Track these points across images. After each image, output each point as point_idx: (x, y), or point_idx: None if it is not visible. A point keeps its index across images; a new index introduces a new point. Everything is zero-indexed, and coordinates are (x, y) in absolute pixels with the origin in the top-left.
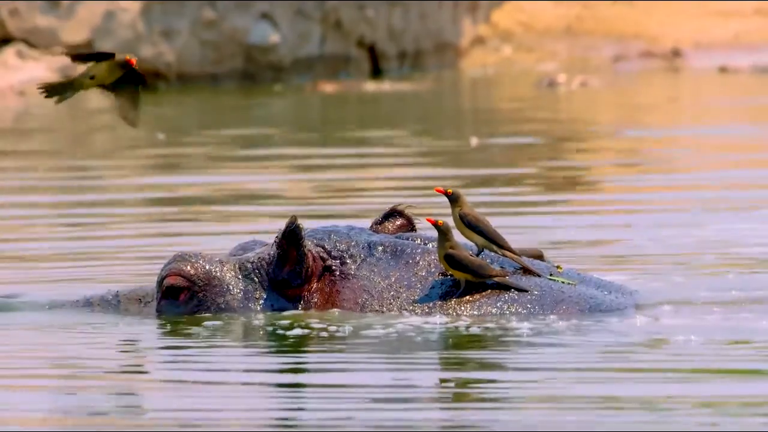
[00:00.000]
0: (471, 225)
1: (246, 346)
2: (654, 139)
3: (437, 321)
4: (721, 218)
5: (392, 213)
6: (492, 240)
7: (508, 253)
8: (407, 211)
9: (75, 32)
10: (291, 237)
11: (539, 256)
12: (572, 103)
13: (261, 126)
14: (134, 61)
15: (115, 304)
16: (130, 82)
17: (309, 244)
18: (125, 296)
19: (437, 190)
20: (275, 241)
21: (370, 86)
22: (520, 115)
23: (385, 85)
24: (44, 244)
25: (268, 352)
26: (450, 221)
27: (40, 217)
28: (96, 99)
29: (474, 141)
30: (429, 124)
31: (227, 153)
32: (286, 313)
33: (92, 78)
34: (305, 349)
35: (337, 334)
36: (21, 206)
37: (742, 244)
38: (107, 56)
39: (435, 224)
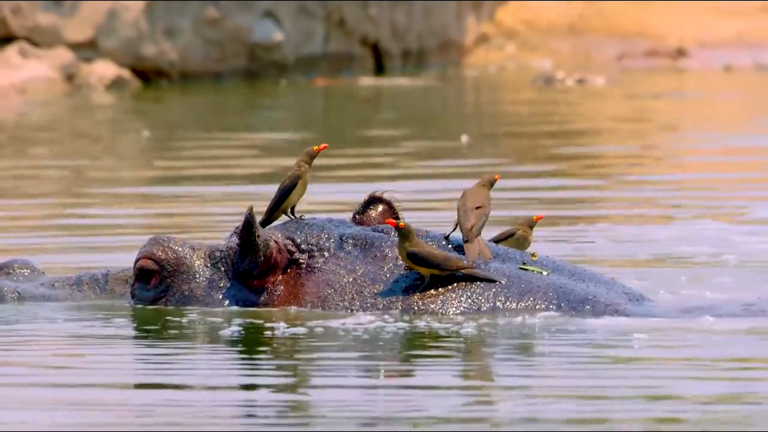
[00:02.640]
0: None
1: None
2: (642, 142)
3: (397, 316)
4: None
5: (372, 200)
6: (458, 223)
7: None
8: (386, 197)
9: (77, 30)
10: (247, 227)
11: (524, 238)
12: (567, 100)
13: (262, 127)
14: (323, 146)
15: (103, 283)
16: None
17: (278, 235)
18: (114, 276)
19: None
20: (235, 231)
21: (367, 82)
22: (510, 112)
23: (384, 82)
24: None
25: (214, 353)
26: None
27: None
28: (100, 97)
29: (465, 139)
30: (422, 121)
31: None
32: (239, 310)
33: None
34: (252, 349)
35: (283, 334)
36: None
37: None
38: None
39: (396, 227)
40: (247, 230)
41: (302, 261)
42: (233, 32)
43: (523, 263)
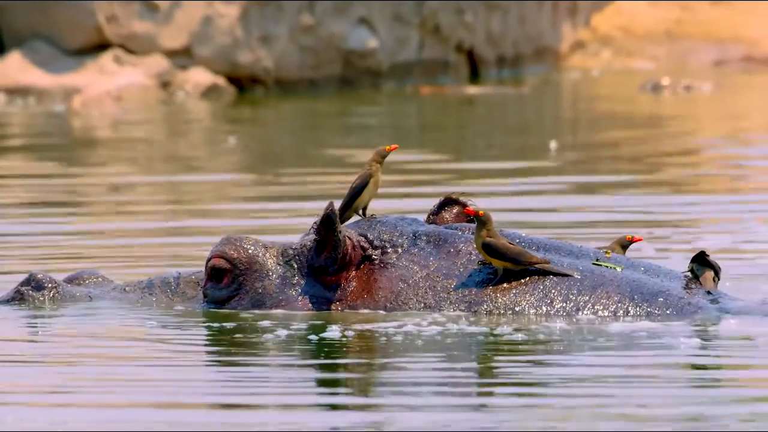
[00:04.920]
0: None
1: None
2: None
3: (471, 310)
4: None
5: (447, 202)
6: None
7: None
8: (462, 199)
9: (173, 38)
10: (327, 223)
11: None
12: (676, 109)
13: (357, 135)
14: (394, 147)
15: (174, 286)
16: None
17: (351, 233)
18: (185, 279)
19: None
20: (313, 228)
21: (473, 90)
22: (619, 118)
23: (487, 90)
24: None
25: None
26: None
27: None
28: (194, 105)
29: (553, 145)
30: (526, 127)
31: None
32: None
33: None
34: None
35: (358, 330)
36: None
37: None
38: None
39: (475, 214)
40: (328, 226)
41: (375, 257)
42: (328, 39)
43: (597, 259)
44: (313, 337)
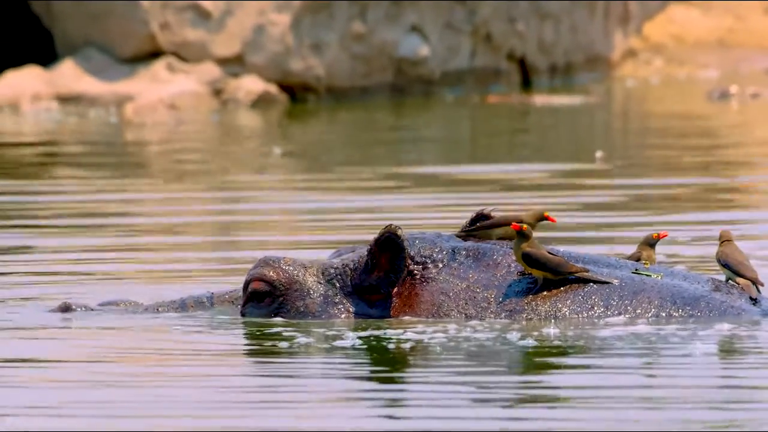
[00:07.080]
0: None
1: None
2: None
3: (512, 318)
4: None
5: (480, 217)
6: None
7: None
8: (493, 213)
9: (225, 46)
10: (387, 245)
11: (637, 258)
12: (737, 117)
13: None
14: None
15: (209, 306)
16: None
17: None
18: (219, 298)
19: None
20: (369, 248)
21: (540, 99)
22: (698, 126)
23: (553, 98)
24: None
25: (342, 363)
26: None
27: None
28: (246, 113)
29: (599, 154)
30: (616, 137)
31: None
32: (356, 322)
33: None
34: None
35: (400, 340)
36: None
37: None
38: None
39: (519, 229)
40: (391, 248)
41: (417, 272)
42: (380, 47)
43: (636, 269)
44: (360, 344)
